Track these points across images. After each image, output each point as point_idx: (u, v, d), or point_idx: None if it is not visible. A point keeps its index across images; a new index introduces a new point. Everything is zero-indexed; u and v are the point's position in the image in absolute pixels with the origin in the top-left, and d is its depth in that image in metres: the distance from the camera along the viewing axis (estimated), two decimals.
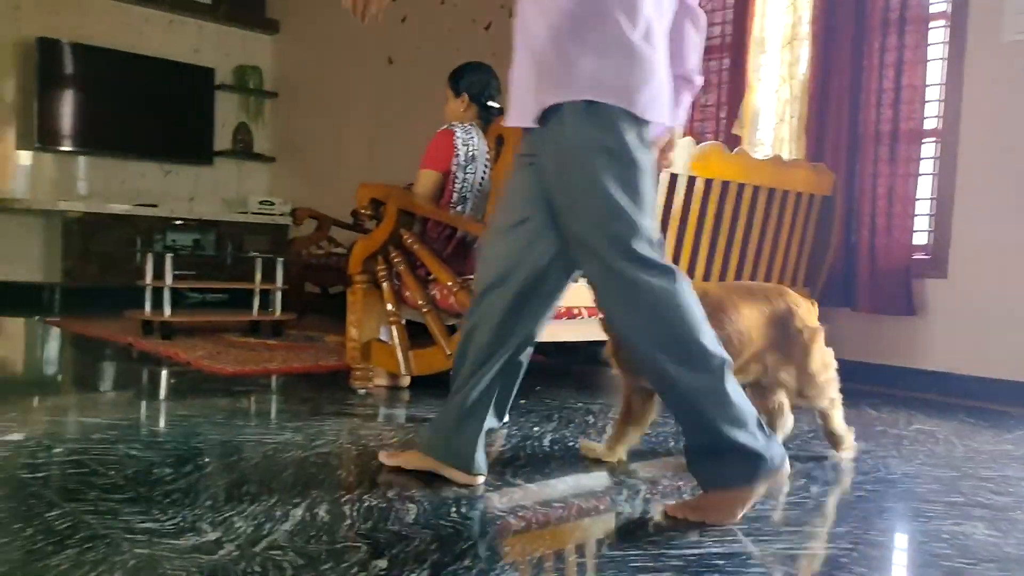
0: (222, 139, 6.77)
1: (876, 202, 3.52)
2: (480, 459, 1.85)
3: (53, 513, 1.52)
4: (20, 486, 1.69)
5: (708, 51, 4.07)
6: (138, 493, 1.67)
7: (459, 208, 2.97)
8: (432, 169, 2.96)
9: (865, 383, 3.49)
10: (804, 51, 3.75)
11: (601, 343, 2.29)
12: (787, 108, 3.78)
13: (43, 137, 5.85)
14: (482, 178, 2.99)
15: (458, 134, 2.95)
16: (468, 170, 2.96)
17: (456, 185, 2.94)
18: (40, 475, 1.77)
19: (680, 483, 1.95)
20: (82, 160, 6.15)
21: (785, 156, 3.66)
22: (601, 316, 1.89)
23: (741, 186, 3.13)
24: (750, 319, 2.08)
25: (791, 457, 2.21)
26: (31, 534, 1.41)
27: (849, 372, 2.25)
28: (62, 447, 2.01)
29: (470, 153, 2.96)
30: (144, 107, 6.27)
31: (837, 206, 3.52)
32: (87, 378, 3.05)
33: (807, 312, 2.20)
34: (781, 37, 3.82)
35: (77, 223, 5.69)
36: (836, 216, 3.52)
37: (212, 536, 1.45)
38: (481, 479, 1.86)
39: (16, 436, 2.09)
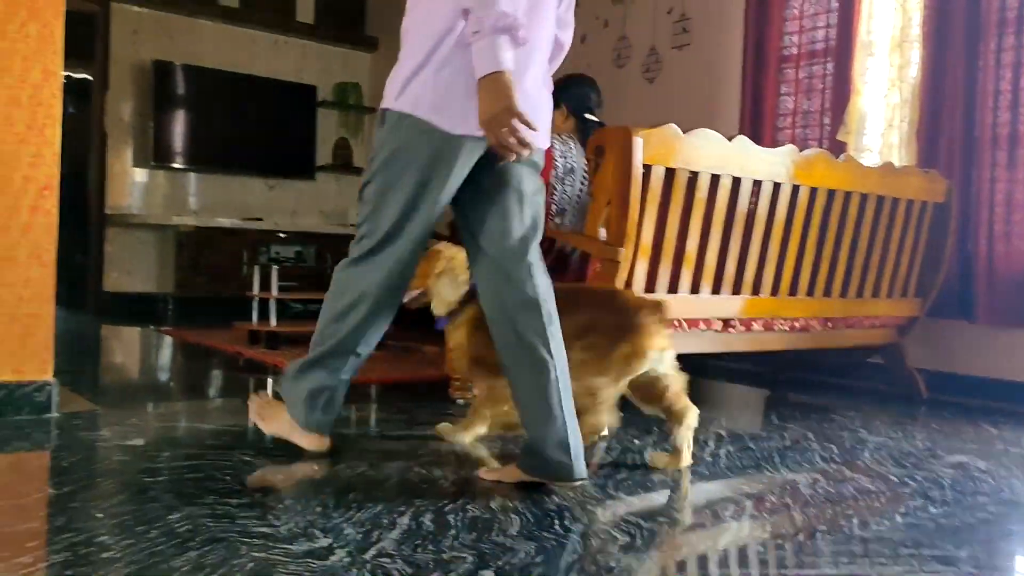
0: (323, 154, 6.97)
1: (994, 208, 3.35)
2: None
3: (174, 516, 1.58)
4: (142, 489, 1.77)
5: (810, 55, 3.97)
6: (252, 498, 1.73)
7: (558, 220, 2.97)
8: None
9: (984, 399, 3.32)
10: (915, 53, 3.61)
11: (702, 355, 2.25)
12: (897, 113, 3.65)
13: (158, 155, 6.15)
14: (580, 190, 2.99)
15: (556, 146, 2.95)
16: (566, 182, 2.96)
17: (555, 197, 2.94)
18: (160, 479, 1.85)
19: (788, 500, 1.89)
20: (193, 176, 6.43)
21: (895, 162, 3.53)
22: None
23: (848, 195, 3.03)
24: None
25: (906, 477, 2.13)
26: (154, 536, 1.47)
27: (967, 388, 2.15)
28: (180, 452, 2.10)
29: (568, 165, 2.96)
30: (250, 125, 6.52)
31: (952, 214, 3.37)
32: (199, 386, 3.18)
33: None
34: (890, 39, 3.69)
35: (188, 237, 5.95)
36: (951, 224, 3.37)
37: (324, 542, 1.48)
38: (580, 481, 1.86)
39: (137, 441, 2.20)
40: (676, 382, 2.11)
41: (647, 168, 2.46)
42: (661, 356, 2.08)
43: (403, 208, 1.91)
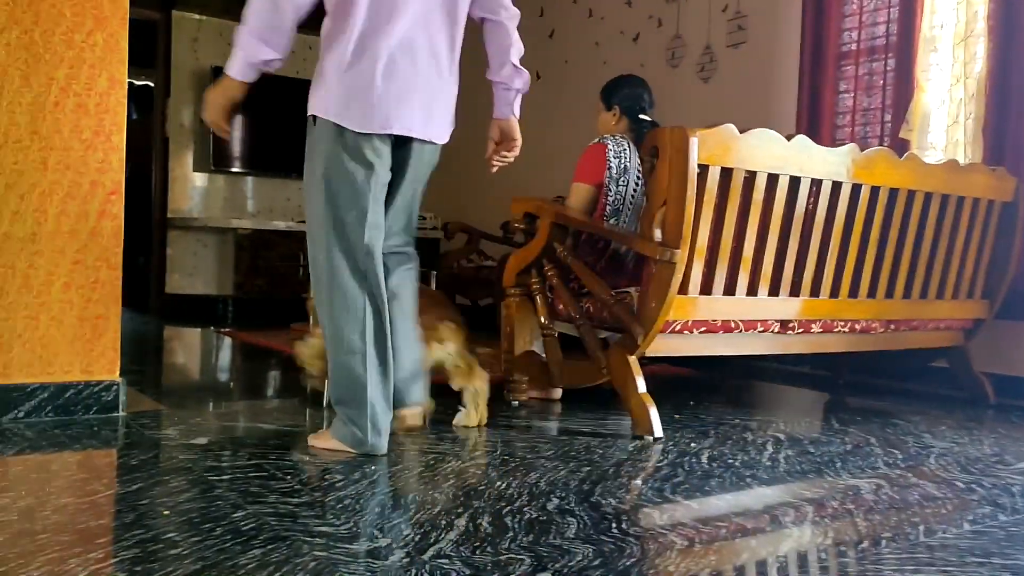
0: None
1: None
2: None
3: (238, 514, 1.62)
4: (207, 487, 1.81)
5: (871, 52, 3.89)
6: (313, 498, 1.76)
7: (612, 220, 2.96)
8: (585, 183, 2.97)
9: None
10: (980, 48, 3.51)
11: (758, 357, 2.22)
12: (962, 109, 3.55)
13: (217, 159, 6.29)
14: (634, 190, 2.97)
15: (610, 147, 2.94)
16: (620, 183, 2.95)
17: (609, 198, 2.93)
18: (224, 477, 1.89)
19: (851, 505, 1.85)
20: (250, 180, 6.56)
21: (960, 160, 3.43)
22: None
23: (911, 193, 2.96)
24: None
25: (974, 483, 2.07)
26: (220, 533, 1.51)
27: None
28: (242, 451, 2.14)
29: (622, 165, 2.95)
30: (305, 129, 6.61)
31: (1020, 212, 3.27)
32: (259, 386, 3.24)
33: None
34: (953, 34, 3.59)
35: (246, 239, 6.07)
36: (1019, 223, 3.27)
37: (383, 542, 1.50)
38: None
39: (201, 440, 2.25)
40: (463, 363, 2.59)
41: (703, 168, 2.44)
42: (444, 348, 2.55)
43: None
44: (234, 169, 6.40)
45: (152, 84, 6.64)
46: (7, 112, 2.39)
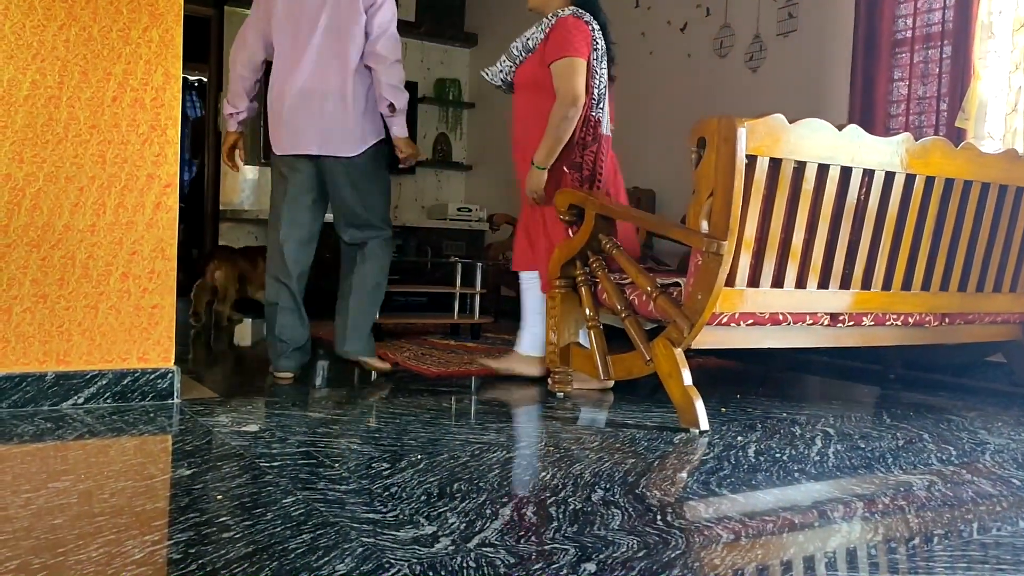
0: (423, 150, 7.09)
1: None
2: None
3: (288, 500, 1.65)
4: (259, 474, 1.85)
5: (926, 39, 3.80)
6: (360, 485, 1.79)
7: (600, 106, 2.97)
8: (581, 57, 2.91)
9: None
10: None
11: (807, 350, 2.20)
12: (1020, 97, 3.45)
13: (267, 153, 6.37)
14: (603, 76, 3.01)
15: (591, 23, 2.96)
16: (601, 65, 2.95)
17: (596, 80, 2.93)
18: (275, 464, 1.93)
19: (902, 502, 1.83)
20: None
21: (1020, 149, 3.34)
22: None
23: (968, 184, 2.89)
24: None
25: None
26: (271, 518, 1.54)
27: None
28: (292, 439, 2.19)
29: (602, 46, 2.96)
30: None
31: None
32: (307, 375, 3.28)
33: None
34: (1012, 20, 3.49)
35: None
36: None
37: (429, 530, 1.52)
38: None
39: (252, 428, 2.30)
40: None
41: (751, 159, 2.41)
42: None
43: None
44: None
45: (205, 79, 6.76)
46: (67, 107, 2.46)
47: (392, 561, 1.36)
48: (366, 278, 3.25)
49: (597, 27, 3.00)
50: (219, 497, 1.68)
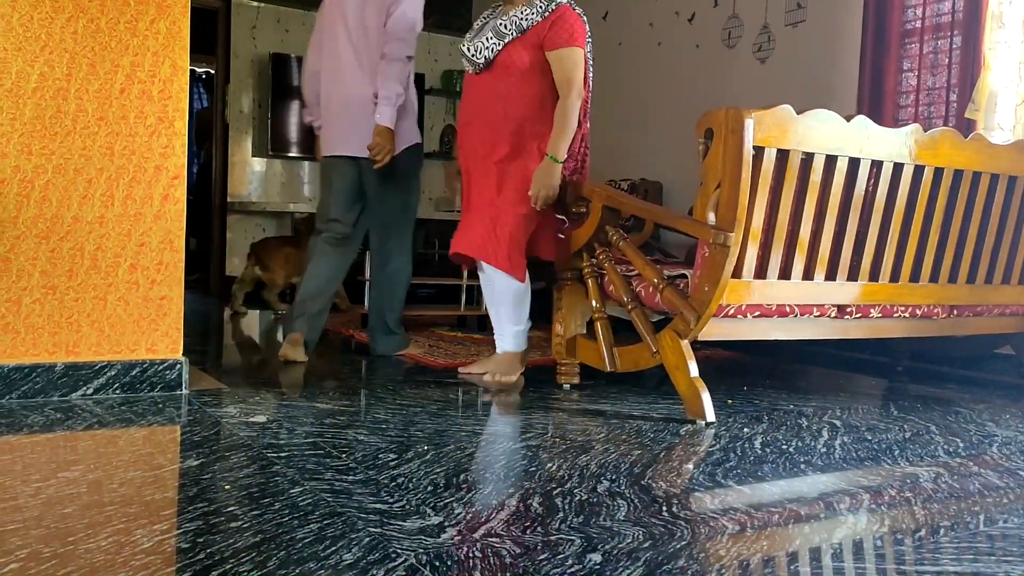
0: (430, 141, 7.09)
1: None
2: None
3: (296, 490, 1.66)
4: (267, 464, 1.86)
5: (935, 29, 3.78)
6: (367, 475, 1.80)
7: (591, 94, 3.00)
8: (581, 47, 2.93)
9: None
10: None
11: (814, 342, 2.19)
12: None
13: (275, 144, 6.39)
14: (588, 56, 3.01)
15: (581, 13, 2.96)
16: (591, 54, 2.97)
17: (590, 72, 2.95)
18: (283, 455, 1.94)
19: (909, 494, 1.82)
20: (307, 165, 6.65)
21: None
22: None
23: (977, 175, 2.88)
24: None
25: None
26: (278, 508, 1.55)
27: None
28: (299, 430, 2.20)
29: (589, 35, 2.97)
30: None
31: None
32: (315, 366, 3.30)
33: None
34: (1023, 10, 3.47)
35: (303, 223, 6.16)
36: None
37: (435, 520, 1.53)
38: None
39: (260, 419, 2.31)
40: None
41: (758, 150, 2.40)
42: None
43: None
44: (291, 154, 6.50)
45: (213, 71, 6.77)
46: (76, 99, 2.47)
47: (399, 551, 1.37)
48: (391, 276, 3.49)
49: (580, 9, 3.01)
50: (227, 487, 1.69)
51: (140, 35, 2.54)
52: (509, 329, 3.09)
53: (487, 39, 2.96)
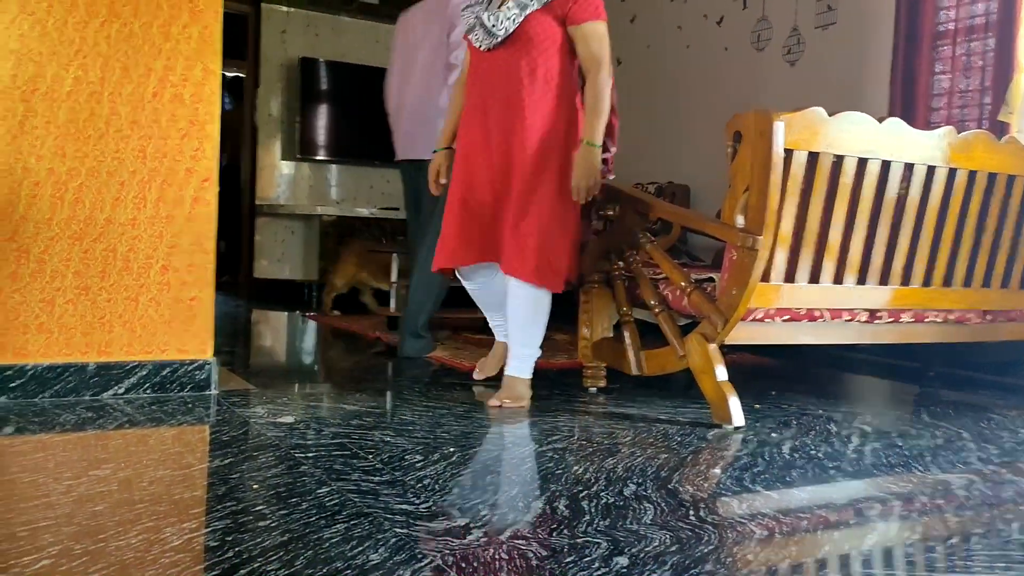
0: None
1: None
2: None
3: (323, 490, 1.67)
4: (295, 464, 1.88)
5: (969, 31, 3.73)
6: (394, 476, 1.80)
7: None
8: (606, 21, 2.71)
9: None
10: None
11: (844, 347, 2.16)
12: None
13: (303, 148, 6.45)
14: None
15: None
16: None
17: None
18: (310, 455, 1.95)
19: (940, 501, 1.80)
20: (335, 168, 6.70)
21: None
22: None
23: (1011, 178, 2.83)
24: None
25: None
26: (306, 508, 1.56)
27: None
28: (326, 430, 2.21)
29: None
30: (388, 117, 6.73)
31: None
32: (342, 368, 3.33)
33: None
34: None
35: (331, 226, 6.21)
36: None
37: (461, 522, 1.53)
38: None
39: (288, 419, 2.33)
40: None
41: (788, 153, 2.38)
42: None
43: None
44: (319, 157, 6.55)
45: (243, 75, 6.84)
46: (109, 102, 2.51)
47: (425, 552, 1.37)
48: (422, 281, 3.58)
49: None
50: (255, 486, 1.70)
51: (173, 39, 2.58)
52: (533, 352, 2.77)
53: (507, 8, 2.63)
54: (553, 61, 2.64)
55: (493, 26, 2.66)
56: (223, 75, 2.76)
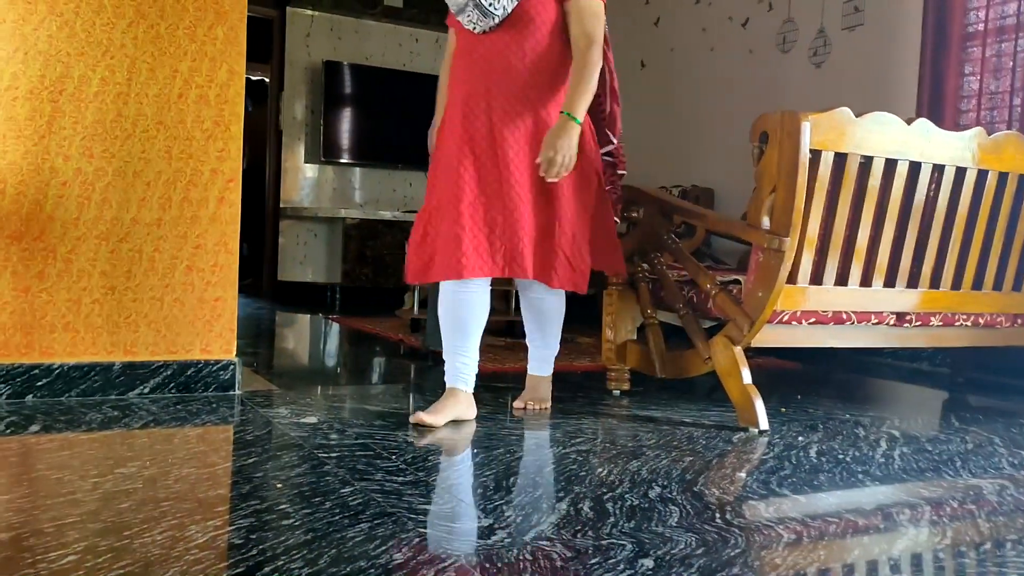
0: None
1: None
2: None
3: (346, 490, 1.67)
4: (318, 464, 1.87)
5: (999, 32, 3.68)
6: (417, 477, 1.79)
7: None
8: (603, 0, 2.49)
9: None
10: None
11: (871, 351, 2.13)
12: None
13: (327, 151, 6.48)
14: None
15: None
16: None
17: (609, 52, 2.58)
18: (334, 455, 1.95)
19: (971, 506, 1.76)
20: (358, 171, 6.73)
21: None
22: None
23: None
24: None
25: None
26: (329, 507, 1.56)
27: None
28: (350, 431, 2.21)
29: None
30: (412, 120, 6.74)
31: None
32: (364, 370, 3.33)
33: None
34: None
35: (354, 229, 6.23)
36: None
37: (485, 522, 1.52)
38: None
39: (311, 419, 2.33)
40: None
41: (815, 154, 2.36)
42: None
43: None
44: (343, 160, 6.58)
45: (267, 79, 6.89)
46: (135, 103, 2.53)
47: (448, 552, 1.36)
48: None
49: None
50: (279, 485, 1.70)
51: (198, 41, 2.59)
52: (555, 351, 2.72)
53: None
54: (556, 45, 2.43)
55: (490, 5, 2.38)
56: (247, 78, 2.76)
